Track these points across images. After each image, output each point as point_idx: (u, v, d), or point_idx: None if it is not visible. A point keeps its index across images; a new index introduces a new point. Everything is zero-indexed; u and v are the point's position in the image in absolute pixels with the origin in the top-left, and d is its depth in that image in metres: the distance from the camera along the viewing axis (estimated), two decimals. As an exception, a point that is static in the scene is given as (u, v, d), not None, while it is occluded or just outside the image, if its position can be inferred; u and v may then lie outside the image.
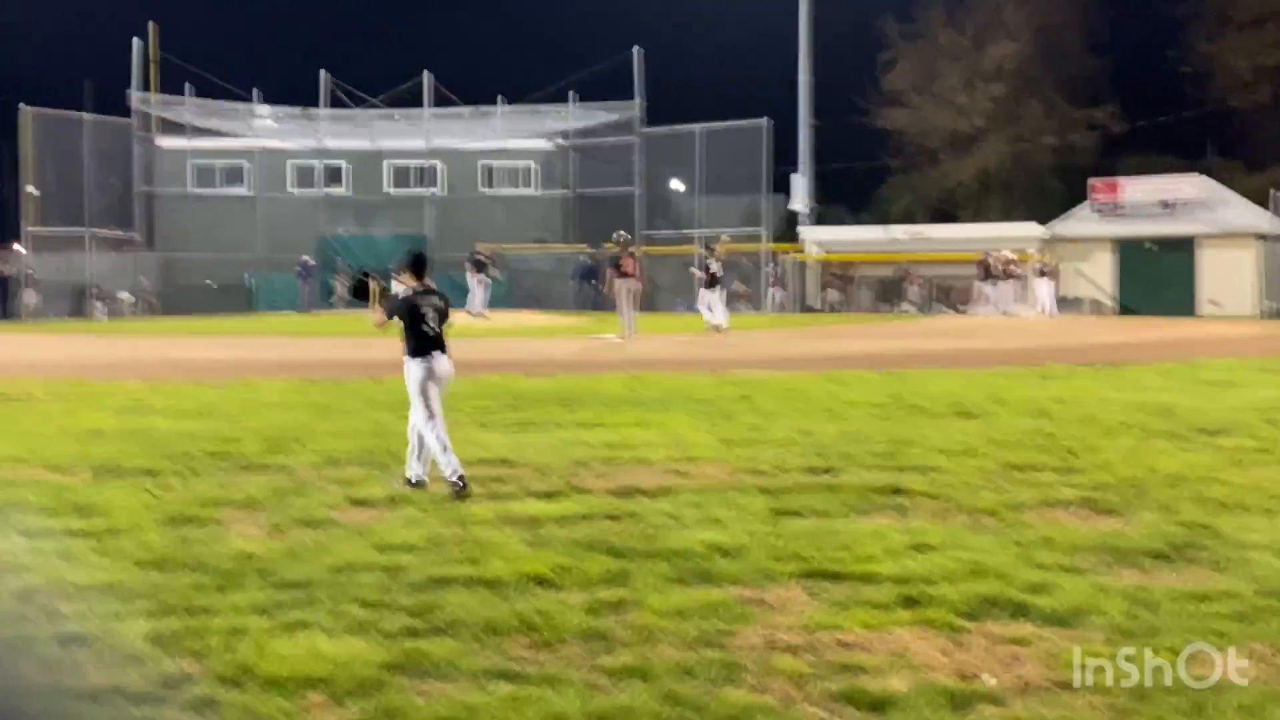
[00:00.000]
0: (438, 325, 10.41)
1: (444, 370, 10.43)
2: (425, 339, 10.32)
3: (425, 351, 10.32)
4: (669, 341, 29.23)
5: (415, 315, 10.31)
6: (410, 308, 10.36)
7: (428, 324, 10.33)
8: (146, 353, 26.19)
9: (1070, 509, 9.28)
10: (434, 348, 10.36)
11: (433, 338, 10.35)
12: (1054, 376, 19.25)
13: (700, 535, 8.33)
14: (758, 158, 50.75)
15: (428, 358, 10.32)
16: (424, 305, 10.35)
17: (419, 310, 10.32)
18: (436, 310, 10.43)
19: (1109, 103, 61.87)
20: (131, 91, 51.22)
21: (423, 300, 10.39)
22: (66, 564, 7.63)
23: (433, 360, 10.33)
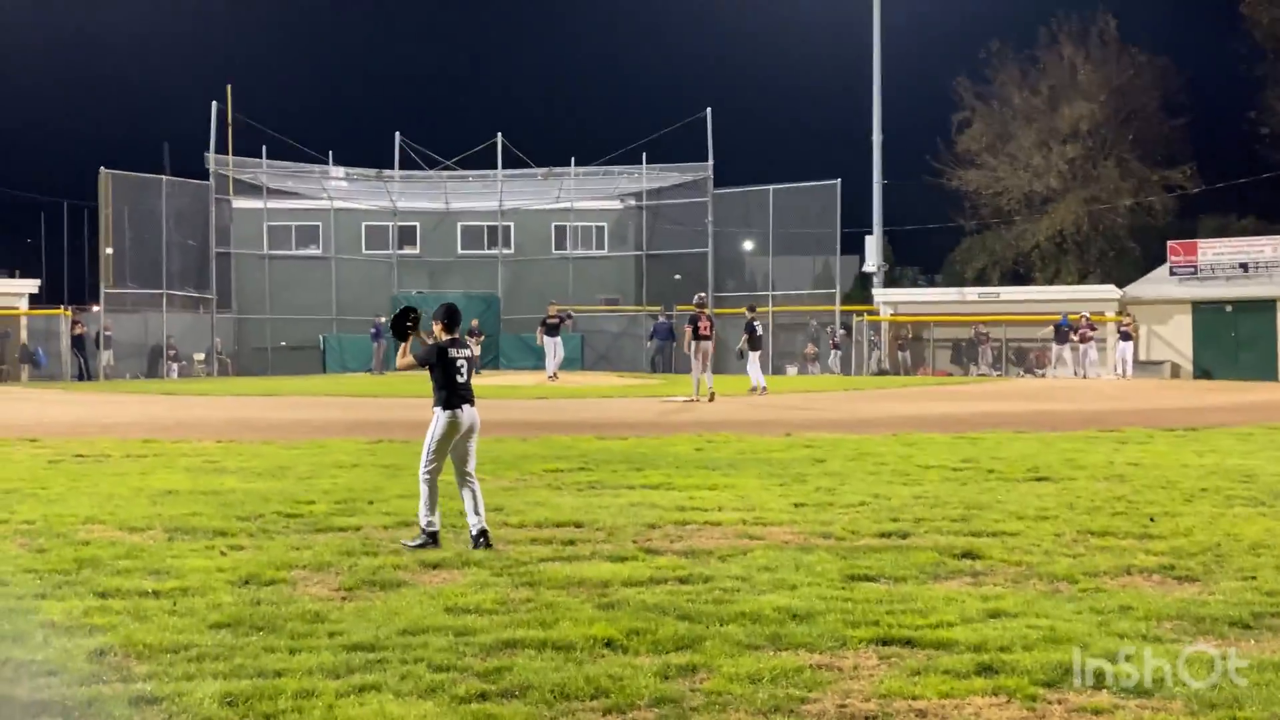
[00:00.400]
0: (469, 376, 10.49)
1: (470, 422, 10.51)
2: (456, 389, 10.40)
3: (456, 404, 10.40)
4: (740, 403, 29.15)
5: (449, 364, 10.40)
6: (444, 356, 10.42)
7: (460, 374, 10.40)
8: (219, 413, 26.41)
9: (1149, 576, 9.12)
10: (464, 400, 10.45)
11: (463, 389, 10.43)
12: (1131, 440, 19.04)
13: (772, 599, 8.24)
14: (829, 218, 50.69)
15: (457, 410, 10.40)
16: (458, 355, 10.44)
17: (453, 360, 10.41)
18: (469, 361, 10.55)
19: (1186, 164, 61.43)
20: (209, 153, 51.89)
21: (456, 350, 10.47)
22: (139, 624, 7.64)
23: (461, 413, 10.42)
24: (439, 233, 57.87)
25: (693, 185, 54.18)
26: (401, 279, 56.49)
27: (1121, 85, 62.41)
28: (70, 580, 8.87)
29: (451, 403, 10.41)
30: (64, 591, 8.54)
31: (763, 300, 52.30)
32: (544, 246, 57.65)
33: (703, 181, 53.61)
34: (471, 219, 58.29)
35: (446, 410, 10.41)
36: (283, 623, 7.69)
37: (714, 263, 53.27)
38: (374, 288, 54.91)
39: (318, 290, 54.62)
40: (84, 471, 15.25)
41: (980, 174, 64.45)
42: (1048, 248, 64.01)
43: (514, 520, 11.35)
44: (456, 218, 58.10)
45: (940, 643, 7.24)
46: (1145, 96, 62.82)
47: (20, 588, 8.64)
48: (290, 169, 54.88)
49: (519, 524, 11.19)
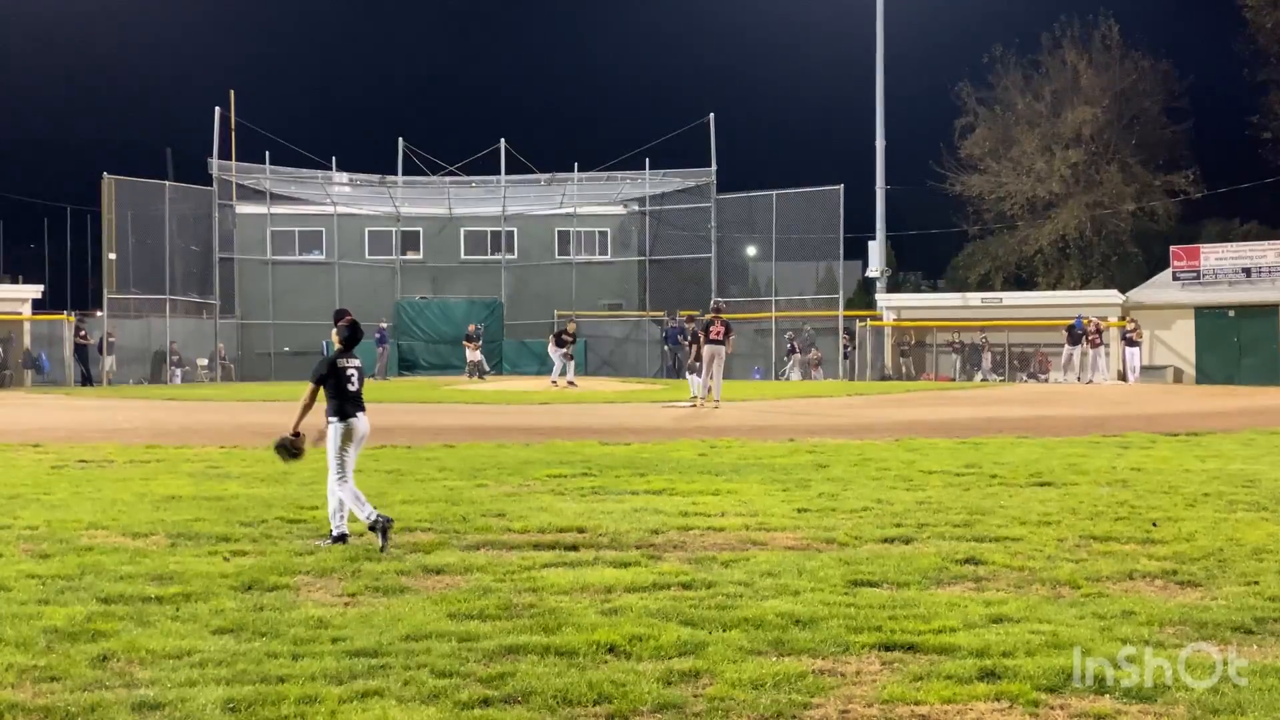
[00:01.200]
0: (359, 386, 10.89)
1: (363, 431, 10.93)
2: (348, 399, 10.79)
3: (350, 412, 10.78)
4: (743, 408, 29.15)
5: (340, 374, 10.77)
6: (334, 367, 10.78)
7: (351, 384, 10.79)
8: (222, 418, 26.42)
9: (1152, 581, 9.13)
10: (357, 409, 10.83)
11: (354, 398, 10.82)
12: (1133, 445, 19.04)
13: (775, 605, 8.26)
14: (832, 223, 50.71)
15: (351, 419, 10.77)
16: (348, 365, 10.83)
17: (343, 369, 10.80)
18: (359, 371, 10.95)
19: (1189, 169, 61.36)
20: (212, 159, 51.91)
21: (346, 360, 10.87)
22: (142, 630, 7.66)
23: (355, 420, 10.79)
24: (442, 238, 57.88)
25: (696, 190, 54.19)
26: (405, 284, 56.54)
27: (1124, 90, 62.38)
28: (73, 585, 8.89)
29: (345, 411, 10.80)
30: (67, 597, 8.55)
31: (766, 305, 52.42)
32: (547, 252, 57.65)
33: (706, 187, 53.63)
34: (474, 224, 58.30)
35: (342, 420, 10.77)
36: (286, 628, 7.70)
37: (717, 268, 53.28)
38: (377, 293, 54.95)
39: (321, 295, 54.54)
40: (87, 477, 15.27)
41: (983, 179, 64.41)
42: (1050, 253, 63.97)
43: (517, 526, 11.35)
44: (460, 223, 58.11)
45: (943, 648, 7.24)
46: (1148, 101, 62.79)
47: (23, 593, 8.66)
48: (293, 174, 54.88)
49: (522, 529, 11.19)
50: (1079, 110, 61.90)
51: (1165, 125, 62.80)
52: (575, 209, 56.78)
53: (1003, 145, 64.19)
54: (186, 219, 51.50)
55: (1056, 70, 63.39)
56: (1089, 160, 62.73)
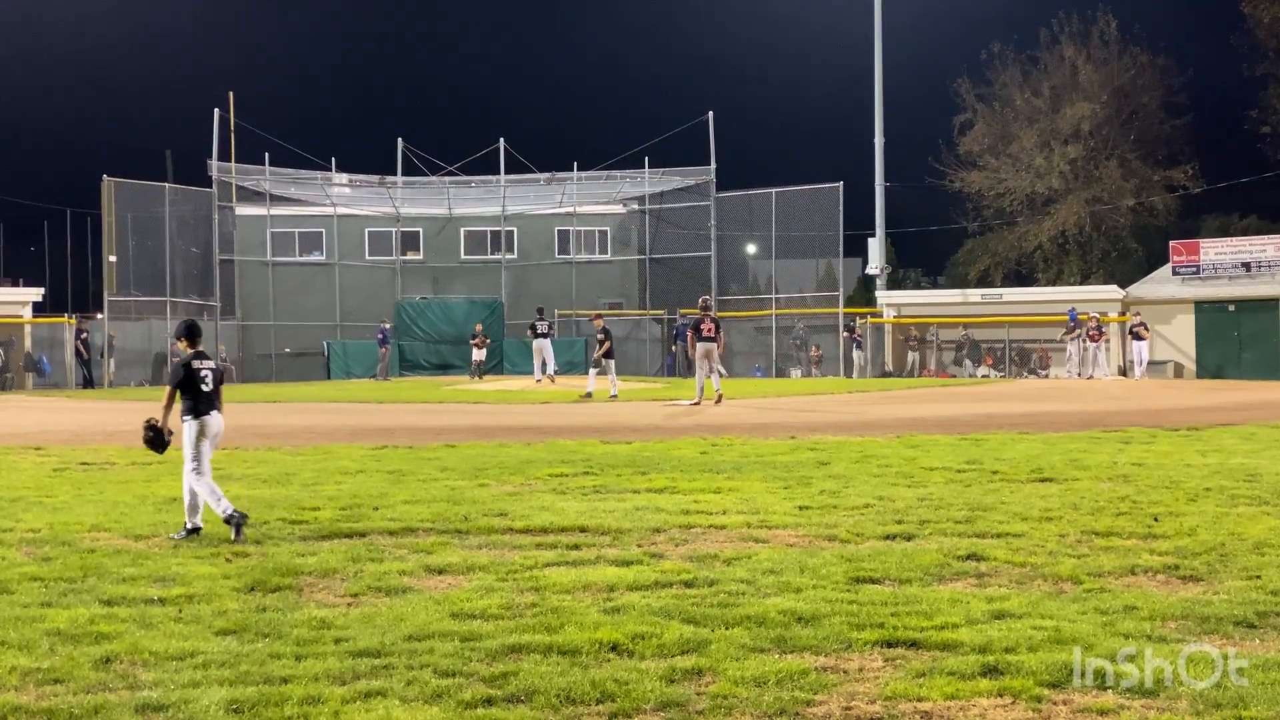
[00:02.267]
0: (213, 385, 11.45)
1: (216, 428, 11.51)
2: (202, 398, 11.34)
3: (204, 411, 11.34)
4: (745, 406, 29.15)
5: (194, 375, 11.33)
6: (189, 369, 11.33)
7: (205, 384, 11.35)
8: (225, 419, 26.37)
9: (1154, 576, 9.13)
10: (211, 408, 11.41)
11: (208, 398, 11.38)
12: (1135, 441, 19.04)
13: (777, 602, 8.25)
14: (832, 221, 50.77)
15: (205, 416, 11.34)
16: (202, 367, 11.39)
17: (197, 370, 11.35)
18: (212, 373, 11.52)
19: (1188, 164, 61.37)
20: (212, 161, 51.91)
21: (200, 363, 11.42)
22: (145, 631, 7.67)
23: (209, 419, 11.37)
24: (442, 238, 57.92)
25: (695, 189, 54.24)
26: (405, 285, 56.59)
27: (1123, 85, 62.38)
28: (76, 588, 8.90)
29: (199, 410, 11.40)
30: (69, 599, 8.56)
31: (766, 304, 52.44)
32: (547, 251, 57.68)
33: (705, 185, 53.67)
34: (474, 224, 58.34)
35: (196, 418, 11.34)
36: (288, 629, 7.70)
37: (717, 266, 53.32)
38: (378, 293, 55.02)
39: (321, 296, 54.72)
40: (89, 479, 15.28)
41: (982, 175, 64.40)
42: (1050, 249, 63.99)
43: (519, 525, 11.35)
44: (459, 223, 58.14)
45: (945, 644, 7.24)
46: (1146, 96, 62.79)
47: (26, 596, 8.66)
48: (293, 176, 54.92)
49: (524, 528, 11.19)
50: (1078, 106, 61.89)
51: (1164, 120, 62.80)
52: (575, 208, 56.83)
53: (1002, 141, 64.19)
54: (186, 221, 51.59)
55: (1055, 66, 63.40)
56: (1088, 156, 62.73)
